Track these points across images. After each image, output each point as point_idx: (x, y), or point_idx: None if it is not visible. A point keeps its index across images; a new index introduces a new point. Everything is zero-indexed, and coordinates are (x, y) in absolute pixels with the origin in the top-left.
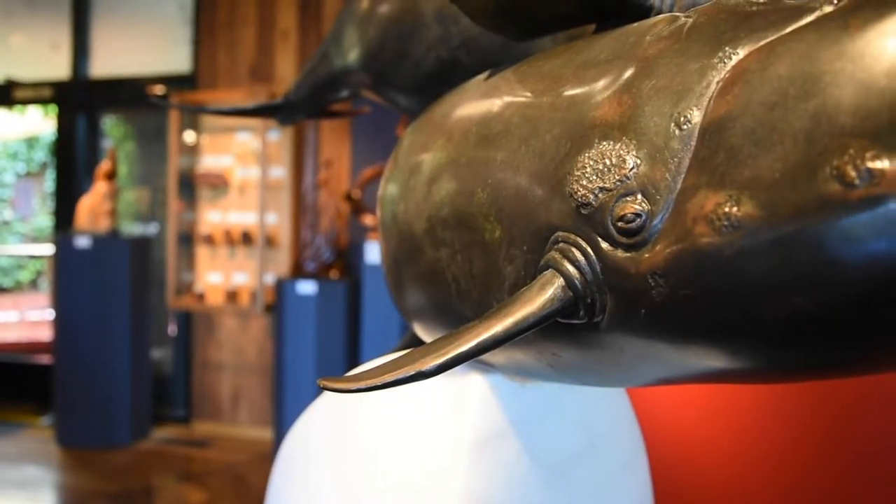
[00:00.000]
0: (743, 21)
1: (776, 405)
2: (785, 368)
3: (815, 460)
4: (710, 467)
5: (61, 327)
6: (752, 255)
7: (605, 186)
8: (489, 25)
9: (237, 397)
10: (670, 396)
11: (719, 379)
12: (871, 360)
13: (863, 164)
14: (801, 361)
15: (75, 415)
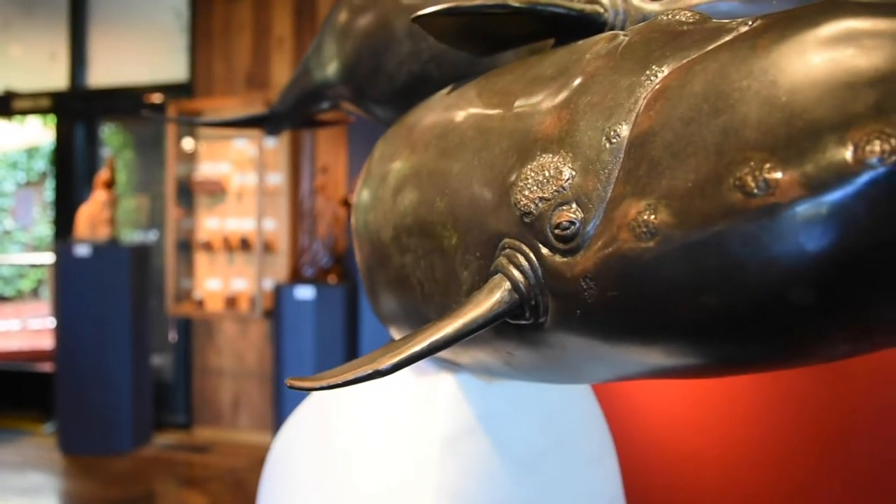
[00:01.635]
0: (671, 40)
1: (749, 400)
2: (709, 365)
3: (788, 456)
4: (680, 464)
5: (62, 335)
6: (666, 259)
7: (544, 196)
8: (453, 43)
9: (237, 403)
10: (641, 393)
11: (658, 375)
12: (778, 356)
13: (761, 175)
14: (719, 358)
15: (77, 422)
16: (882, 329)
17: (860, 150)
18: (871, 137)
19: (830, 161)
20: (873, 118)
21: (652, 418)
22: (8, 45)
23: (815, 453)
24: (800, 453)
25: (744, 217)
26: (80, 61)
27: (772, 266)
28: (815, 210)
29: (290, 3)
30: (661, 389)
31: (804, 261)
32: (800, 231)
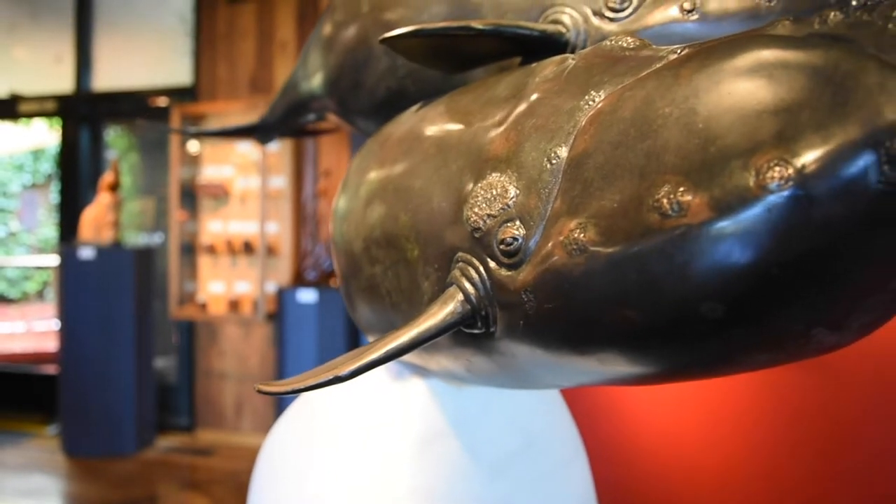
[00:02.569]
0: (610, 66)
1: (724, 402)
2: (639, 374)
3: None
4: (652, 466)
5: (66, 338)
6: (594, 275)
7: (491, 213)
8: (423, 62)
9: (240, 405)
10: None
11: (601, 383)
12: (699, 366)
13: (675, 197)
14: (646, 367)
15: (81, 424)
16: (792, 341)
17: (761, 176)
18: (771, 164)
19: (735, 185)
20: (775, 145)
21: (623, 421)
22: (14, 48)
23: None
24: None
25: (660, 237)
26: (85, 65)
27: (685, 282)
28: (721, 231)
29: (293, 7)
30: (632, 392)
31: (714, 278)
32: (709, 250)
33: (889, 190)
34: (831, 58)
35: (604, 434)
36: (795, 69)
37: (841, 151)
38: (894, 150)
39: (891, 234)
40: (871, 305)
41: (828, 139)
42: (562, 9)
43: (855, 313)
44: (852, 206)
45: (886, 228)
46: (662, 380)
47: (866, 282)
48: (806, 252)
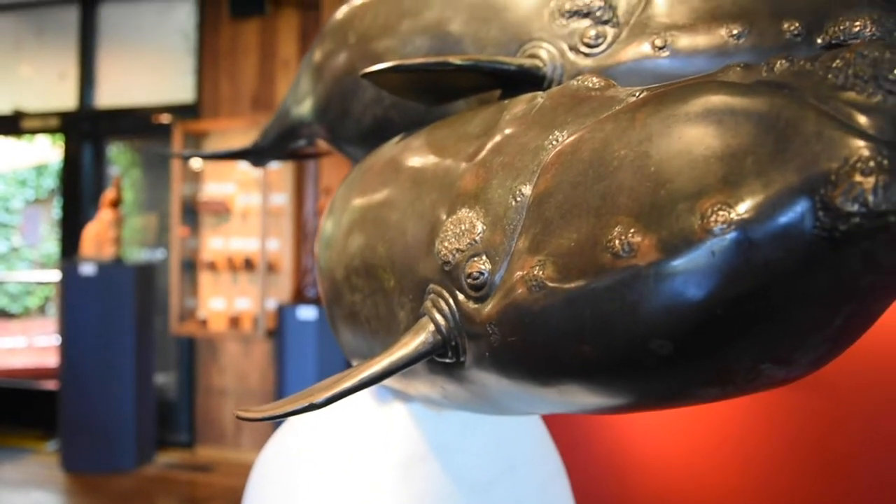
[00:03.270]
0: (575, 106)
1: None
2: (597, 405)
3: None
4: (633, 485)
5: (67, 353)
6: (552, 311)
7: (459, 248)
8: (404, 95)
9: (240, 422)
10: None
11: (566, 412)
12: (651, 399)
13: (626, 238)
14: (603, 399)
15: (80, 440)
16: (741, 376)
17: (706, 220)
18: (715, 208)
19: (681, 228)
20: (720, 190)
21: (604, 442)
22: (19, 65)
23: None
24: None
25: (612, 276)
26: (88, 82)
27: (635, 320)
28: (668, 272)
29: (295, 26)
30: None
31: (662, 316)
32: (657, 290)
33: (825, 235)
34: (774, 106)
35: (585, 456)
36: (742, 116)
37: (779, 198)
38: (829, 197)
39: (829, 276)
40: (817, 342)
41: (768, 185)
42: (539, 44)
43: (801, 349)
44: (790, 250)
45: (824, 271)
46: (621, 411)
47: (809, 320)
48: (748, 293)
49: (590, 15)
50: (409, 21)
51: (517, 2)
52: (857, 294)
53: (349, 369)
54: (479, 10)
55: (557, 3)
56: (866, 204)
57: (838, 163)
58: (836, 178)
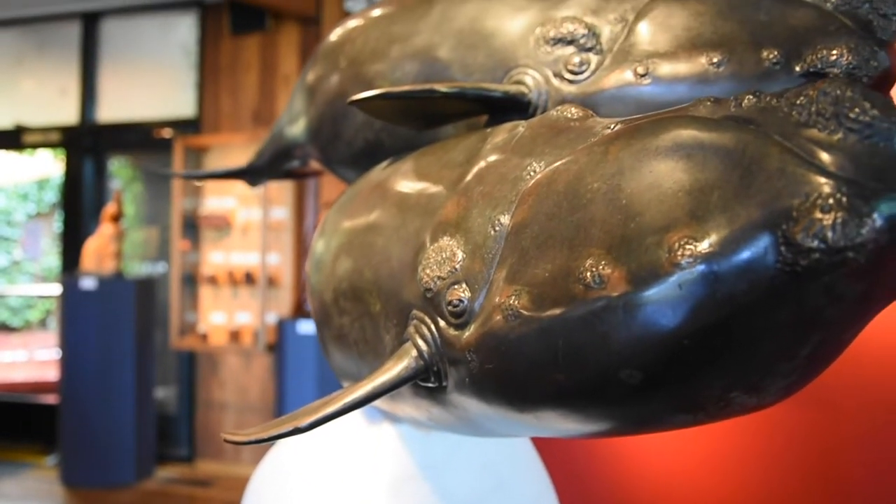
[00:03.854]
0: (553, 137)
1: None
2: (574, 431)
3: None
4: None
5: (67, 368)
6: (527, 339)
7: (440, 275)
8: (391, 121)
9: None
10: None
11: (548, 435)
12: (624, 426)
13: (597, 270)
14: (578, 426)
15: (80, 454)
16: (712, 404)
17: (673, 253)
18: (682, 242)
19: (650, 261)
20: (687, 224)
21: (593, 459)
22: (20, 80)
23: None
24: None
25: (583, 307)
26: (90, 97)
27: (606, 350)
28: (636, 304)
29: (295, 41)
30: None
31: (631, 347)
32: (626, 321)
33: (787, 270)
34: (740, 142)
35: (574, 474)
36: (710, 151)
37: (743, 233)
38: (790, 233)
39: (793, 308)
40: (786, 370)
41: (732, 220)
42: (525, 70)
43: (770, 378)
44: (754, 284)
45: (788, 304)
46: (597, 436)
47: (776, 351)
48: (714, 325)
49: (574, 42)
50: (398, 46)
51: (503, 29)
52: (822, 325)
53: (334, 393)
54: (467, 36)
55: (542, 30)
56: (825, 240)
57: (799, 199)
58: (797, 215)
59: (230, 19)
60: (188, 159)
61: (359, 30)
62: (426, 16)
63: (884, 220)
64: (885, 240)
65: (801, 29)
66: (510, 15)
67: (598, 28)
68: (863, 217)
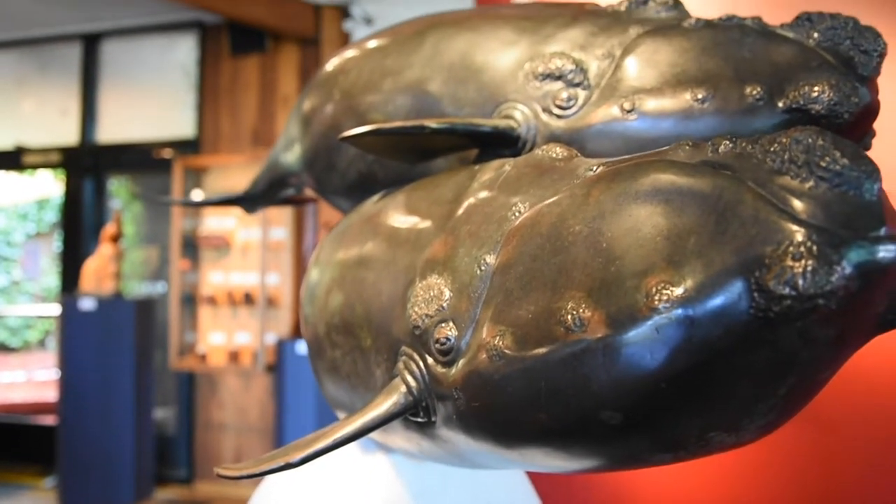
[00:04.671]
0: (538, 177)
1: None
2: (558, 467)
3: None
4: None
5: (66, 389)
6: (510, 380)
7: (428, 313)
8: (383, 156)
9: (239, 458)
10: None
11: (536, 470)
12: (607, 464)
13: (578, 312)
14: (561, 462)
15: (78, 476)
16: (692, 443)
17: (650, 298)
18: (659, 286)
19: (628, 305)
20: (664, 269)
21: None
22: (21, 101)
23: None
24: None
25: (564, 349)
26: (90, 117)
27: (586, 392)
28: (615, 347)
29: (294, 62)
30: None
31: (610, 389)
32: (605, 364)
33: (760, 315)
34: (717, 188)
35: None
36: (687, 196)
37: (718, 278)
38: (763, 280)
39: (768, 351)
40: (764, 410)
41: (708, 266)
42: (514, 105)
43: (748, 418)
44: (729, 329)
45: (763, 347)
46: (581, 472)
47: (752, 392)
48: (691, 368)
49: (562, 78)
50: (391, 80)
51: (493, 64)
52: (797, 367)
53: (325, 428)
54: (457, 71)
55: (531, 65)
56: (796, 288)
57: (772, 246)
58: (769, 262)
59: (230, 40)
60: (188, 180)
61: (353, 61)
62: (418, 49)
63: (853, 268)
64: (854, 286)
65: (784, 65)
66: (500, 50)
67: (585, 63)
68: (832, 265)
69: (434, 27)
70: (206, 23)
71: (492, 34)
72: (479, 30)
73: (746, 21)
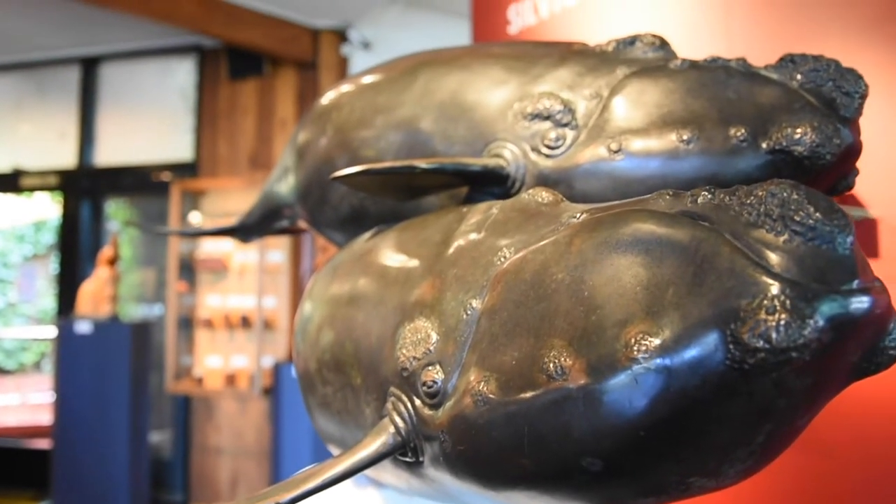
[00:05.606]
0: (524, 222)
1: None
2: None
3: None
4: None
5: (61, 412)
6: (494, 424)
7: (416, 356)
8: (374, 194)
9: (236, 481)
10: None
11: None
12: None
13: (560, 360)
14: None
15: (73, 501)
16: (672, 488)
17: (629, 348)
18: (638, 337)
19: (608, 354)
20: (643, 319)
21: None
22: (20, 124)
23: None
24: None
25: (546, 396)
26: (88, 140)
27: (567, 438)
28: (596, 395)
29: (292, 86)
30: None
31: (590, 436)
32: (585, 412)
33: (735, 367)
34: (695, 239)
35: None
36: (667, 247)
37: (694, 330)
38: (738, 333)
39: (745, 401)
40: (743, 456)
41: (685, 318)
42: (503, 143)
43: (727, 463)
44: (705, 379)
45: (739, 397)
46: None
47: (730, 440)
48: (669, 417)
49: (550, 118)
50: (383, 117)
51: (483, 103)
52: (774, 415)
53: (315, 466)
54: (448, 109)
55: (520, 105)
56: (770, 341)
57: (747, 300)
58: (744, 315)
59: (228, 64)
60: (185, 202)
61: (347, 96)
62: (410, 87)
63: (825, 321)
64: (828, 339)
65: (768, 107)
66: (490, 89)
67: (573, 104)
68: (805, 319)
69: (426, 65)
70: (204, 47)
71: (482, 73)
72: (470, 69)
73: (731, 62)
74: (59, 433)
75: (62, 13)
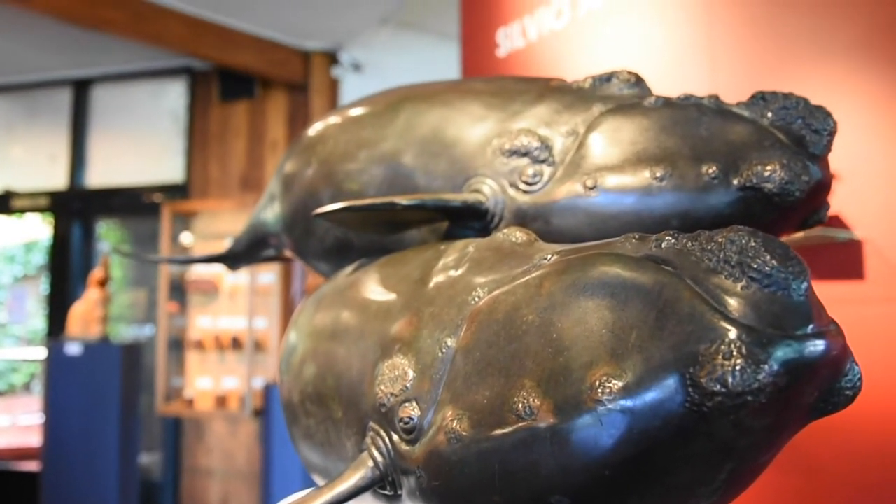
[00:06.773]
0: (497, 263)
1: None
2: None
3: None
4: None
5: (50, 434)
6: (467, 462)
7: (393, 392)
8: (356, 230)
9: (226, 503)
10: None
11: None
12: None
13: (528, 401)
14: None
15: None
16: None
17: (594, 390)
18: (603, 379)
19: (573, 395)
20: (607, 362)
21: None
22: (10, 147)
23: None
24: None
25: (515, 435)
26: (79, 162)
27: (536, 477)
28: (562, 435)
29: (283, 108)
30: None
31: (558, 475)
32: (552, 451)
33: (695, 409)
34: (658, 283)
35: None
36: (632, 290)
37: (656, 373)
38: (696, 377)
39: (705, 441)
40: (706, 493)
41: (647, 361)
42: (483, 179)
43: (692, 500)
44: (666, 421)
45: (700, 437)
46: None
47: (693, 478)
48: (632, 456)
49: (528, 154)
50: (366, 151)
51: (463, 139)
52: (735, 454)
53: (295, 500)
54: (430, 144)
55: (499, 141)
56: (726, 385)
57: (705, 344)
58: (702, 359)
59: (219, 86)
60: (176, 224)
61: (333, 129)
62: (393, 122)
63: (779, 366)
64: (783, 382)
65: (739, 144)
66: (470, 125)
67: (550, 140)
68: (760, 364)
69: (408, 100)
70: (195, 69)
71: (462, 109)
72: (451, 104)
73: (703, 100)
74: (49, 455)
75: (54, 36)
